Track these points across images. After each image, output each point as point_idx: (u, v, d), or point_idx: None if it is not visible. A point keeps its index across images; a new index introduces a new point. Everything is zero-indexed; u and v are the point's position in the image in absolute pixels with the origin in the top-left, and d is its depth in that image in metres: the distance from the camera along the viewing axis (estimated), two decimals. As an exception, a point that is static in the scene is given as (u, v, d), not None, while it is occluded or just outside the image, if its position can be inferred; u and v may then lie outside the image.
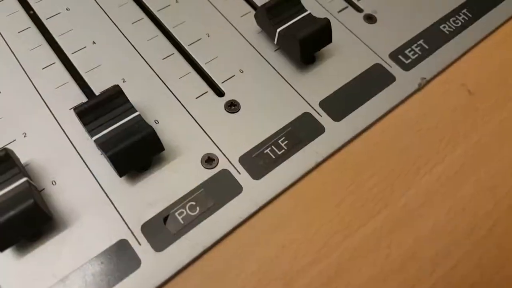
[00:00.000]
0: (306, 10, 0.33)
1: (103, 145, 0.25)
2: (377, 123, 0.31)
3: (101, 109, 0.27)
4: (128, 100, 0.28)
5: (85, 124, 0.26)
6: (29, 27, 0.34)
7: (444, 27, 0.37)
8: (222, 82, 0.32)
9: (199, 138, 0.29)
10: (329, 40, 0.33)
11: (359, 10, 0.37)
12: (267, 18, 0.32)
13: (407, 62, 0.34)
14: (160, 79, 0.32)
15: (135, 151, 0.26)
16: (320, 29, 0.32)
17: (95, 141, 0.26)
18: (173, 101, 0.31)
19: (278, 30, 0.32)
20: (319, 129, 0.30)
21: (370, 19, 0.36)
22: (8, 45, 0.32)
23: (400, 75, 0.33)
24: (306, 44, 0.31)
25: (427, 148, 0.31)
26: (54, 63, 0.32)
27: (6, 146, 0.28)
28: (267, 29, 0.33)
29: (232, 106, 0.31)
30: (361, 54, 0.34)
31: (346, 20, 0.36)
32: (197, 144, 0.29)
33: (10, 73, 0.31)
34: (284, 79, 0.33)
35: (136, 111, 0.27)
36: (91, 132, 0.26)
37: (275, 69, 0.33)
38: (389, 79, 0.33)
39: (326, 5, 0.37)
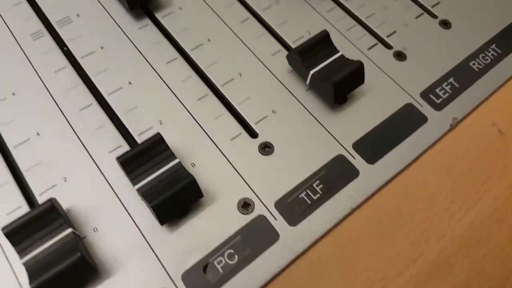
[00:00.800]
0: (338, 51, 0.33)
1: (146, 194, 0.26)
2: (409, 166, 0.32)
3: (143, 157, 0.27)
4: (168, 147, 0.28)
5: (128, 172, 0.27)
6: (65, 66, 0.34)
7: (474, 64, 0.37)
8: (256, 123, 0.33)
9: (234, 181, 0.30)
10: (361, 81, 0.33)
11: (388, 47, 0.37)
12: (300, 61, 0.33)
13: (438, 101, 0.34)
14: (196, 120, 0.32)
15: (176, 200, 0.26)
16: (354, 71, 0.32)
17: (137, 189, 0.27)
18: (208, 143, 0.31)
19: (311, 72, 0.32)
20: (353, 173, 0.31)
21: (400, 56, 0.37)
22: (45, 85, 0.33)
23: (432, 115, 0.34)
24: (340, 87, 0.32)
25: (460, 192, 0.31)
26: (91, 104, 0.32)
27: (47, 191, 0.29)
28: (299, 70, 0.34)
29: (266, 148, 0.31)
30: (393, 93, 0.35)
31: (376, 58, 0.36)
32: (233, 188, 0.30)
33: (48, 114, 0.32)
34: (317, 120, 0.33)
35: (176, 158, 0.28)
36: (134, 181, 0.27)
37: (307, 109, 0.33)
38: (421, 119, 0.33)
39: (356, 42, 0.37)
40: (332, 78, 0.31)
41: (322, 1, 0.39)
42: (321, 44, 0.33)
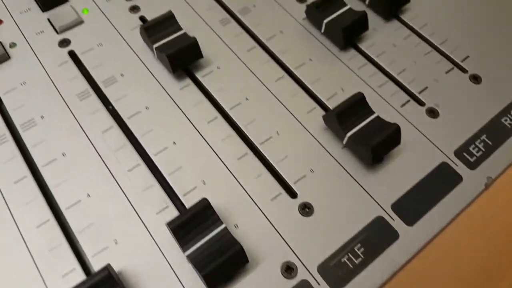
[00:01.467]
0: (373, 113, 0.35)
1: (196, 262, 0.27)
2: (447, 228, 0.32)
3: (192, 224, 0.29)
4: (215, 213, 0.29)
5: (178, 239, 0.28)
6: (112, 127, 0.36)
7: (506, 120, 0.37)
8: (295, 183, 0.34)
9: (277, 244, 0.31)
10: (398, 143, 0.34)
11: (421, 103, 0.38)
12: (337, 123, 0.34)
13: (472, 160, 0.35)
14: (237, 180, 0.34)
15: (225, 267, 0.27)
16: (391, 135, 0.33)
17: (187, 256, 0.28)
18: (250, 204, 0.33)
19: (348, 135, 0.34)
20: (393, 235, 0.31)
21: (432, 113, 0.38)
22: (94, 146, 0.35)
23: (466, 175, 0.34)
24: (377, 150, 0.33)
25: (498, 254, 0.31)
26: (139, 164, 0.34)
27: (99, 253, 0.30)
28: (336, 131, 0.35)
29: (306, 209, 0.32)
30: (427, 151, 0.35)
31: (410, 115, 0.37)
32: (275, 251, 0.31)
33: (98, 175, 0.33)
34: (354, 179, 0.34)
35: (222, 223, 0.29)
36: (184, 247, 0.28)
37: (344, 168, 0.34)
38: (457, 179, 0.34)
39: (389, 99, 0.38)
40: (369, 142, 0.32)
41: (354, 57, 0.41)
42: (357, 106, 0.34)
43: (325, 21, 0.40)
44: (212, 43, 0.41)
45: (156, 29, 0.39)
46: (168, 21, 0.39)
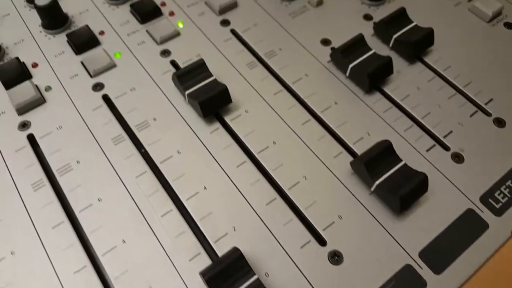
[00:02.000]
0: (401, 160, 0.35)
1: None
2: (472, 277, 0.33)
3: (225, 274, 0.29)
4: (247, 263, 0.30)
5: (212, 289, 0.29)
6: (145, 171, 0.37)
7: (531, 165, 0.38)
8: (324, 230, 0.34)
9: (308, 293, 0.32)
10: (425, 191, 0.35)
11: (446, 148, 0.39)
12: (365, 171, 0.35)
13: (497, 206, 0.36)
14: (266, 226, 0.34)
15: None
16: (419, 184, 0.34)
17: (222, 308, 0.29)
18: (280, 251, 0.33)
19: (377, 182, 0.34)
20: (421, 284, 0.32)
21: (457, 157, 0.38)
22: (128, 191, 0.36)
23: (492, 222, 0.35)
24: (405, 199, 0.33)
25: (527, 305, 0.31)
26: (171, 210, 0.35)
27: (136, 300, 0.31)
28: (363, 177, 0.36)
29: (336, 257, 0.33)
30: (453, 197, 0.36)
31: (435, 160, 0.38)
32: (306, 300, 0.31)
33: (133, 221, 0.35)
34: (382, 226, 0.34)
35: (255, 274, 0.30)
36: (219, 299, 0.29)
37: (372, 215, 0.35)
38: (483, 226, 0.35)
39: (414, 144, 0.39)
40: (398, 191, 0.33)
41: (379, 100, 0.41)
42: (384, 153, 0.35)
43: (351, 65, 0.42)
44: (240, 86, 0.42)
45: (188, 76, 0.40)
46: (199, 68, 0.40)
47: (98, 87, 0.42)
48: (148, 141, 0.39)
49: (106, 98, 0.42)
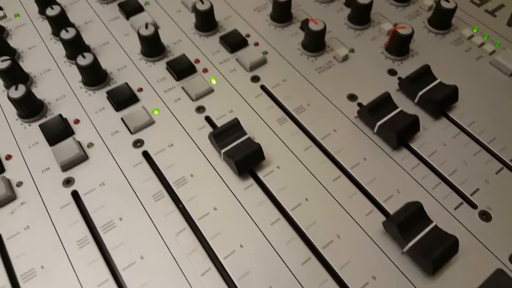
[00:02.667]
0: (432, 222, 0.37)
1: None
2: None
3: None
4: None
5: None
6: (184, 229, 0.39)
7: (558, 224, 0.39)
8: (358, 290, 0.36)
9: None
10: (456, 252, 0.36)
11: (473, 206, 0.40)
12: (398, 233, 0.36)
13: (528, 267, 0.36)
14: (303, 287, 0.36)
15: None
16: (450, 246, 0.35)
17: None
18: (316, 311, 0.35)
19: (410, 244, 0.36)
20: None
21: (485, 215, 0.39)
22: (168, 249, 0.38)
23: (523, 283, 0.36)
24: (438, 262, 0.34)
25: None
26: (210, 269, 0.37)
27: None
28: (395, 238, 0.37)
29: (370, 318, 0.34)
30: (482, 257, 0.37)
31: (463, 218, 0.39)
32: None
33: (174, 279, 0.36)
34: (415, 287, 0.35)
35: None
36: None
37: (404, 275, 0.36)
38: (513, 287, 0.36)
39: (442, 201, 0.40)
40: (431, 255, 0.34)
41: (406, 157, 0.43)
42: (416, 215, 0.37)
43: (379, 123, 0.43)
44: (271, 142, 0.44)
45: (224, 135, 0.42)
46: (234, 127, 0.42)
47: (138, 143, 0.44)
48: (186, 197, 0.41)
49: (146, 154, 0.44)
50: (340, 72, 0.50)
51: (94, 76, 0.47)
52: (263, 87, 0.49)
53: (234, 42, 0.51)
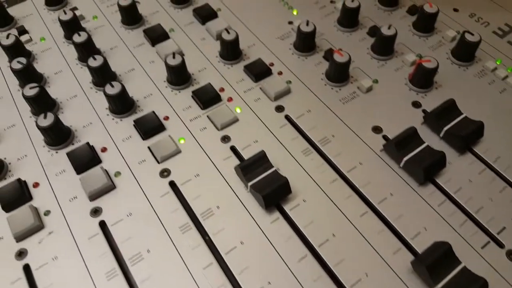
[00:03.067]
0: (460, 263, 0.37)
1: None
2: None
3: None
4: None
5: None
6: (212, 263, 0.39)
7: None
8: (386, 330, 0.36)
9: None
10: (486, 294, 0.36)
11: (500, 245, 0.40)
12: (427, 274, 0.36)
13: (558, 310, 0.36)
14: (331, 326, 0.36)
15: None
16: (481, 290, 0.35)
17: None
18: None
19: (439, 286, 0.35)
20: None
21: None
22: (197, 285, 0.38)
23: (553, 327, 0.36)
24: (469, 306, 0.34)
25: None
26: (237, 307, 0.37)
27: None
28: (424, 278, 0.37)
29: None
30: (512, 300, 0.37)
31: (490, 258, 0.39)
32: None
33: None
34: (443, 329, 0.35)
35: None
36: None
37: (432, 316, 0.36)
38: (544, 332, 0.35)
39: (469, 239, 0.40)
40: (461, 298, 0.34)
41: (433, 193, 0.43)
42: (445, 257, 0.37)
43: (405, 158, 0.43)
44: (297, 174, 0.44)
45: (250, 167, 0.42)
46: (260, 160, 0.43)
47: (165, 173, 0.44)
48: (213, 230, 0.41)
49: (172, 184, 0.44)
50: (364, 103, 0.50)
51: (122, 104, 0.47)
52: (287, 117, 0.49)
53: (259, 71, 0.52)
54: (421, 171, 0.42)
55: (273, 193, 0.41)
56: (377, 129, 0.48)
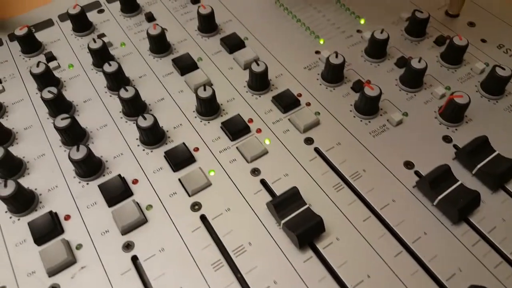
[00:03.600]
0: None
1: None
2: None
3: None
4: None
5: None
6: (245, 302, 0.39)
7: None
8: None
9: None
10: None
11: (536, 289, 0.39)
12: (468, 320, 0.35)
13: None
14: None
15: None
16: None
17: None
18: None
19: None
20: None
21: (550, 300, 0.39)
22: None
23: None
24: None
25: None
26: None
27: None
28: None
29: None
30: None
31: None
32: None
33: None
34: None
35: None
36: None
37: None
38: None
39: (505, 281, 0.39)
40: None
41: (466, 232, 0.42)
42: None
43: (439, 197, 0.43)
44: (329, 210, 0.44)
45: (283, 204, 0.42)
46: (293, 197, 0.42)
47: (196, 206, 0.44)
48: (245, 268, 0.40)
49: (203, 218, 0.44)
50: (395, 137, 0.50)
51: (153, 136, 0.47)
52: (317, 150, 0.49)
53: (287, 102, 0.52)
54: (456, 211, 0.42)
55: (307, 232, 0.41)
56: (409, 165, 0.48)
